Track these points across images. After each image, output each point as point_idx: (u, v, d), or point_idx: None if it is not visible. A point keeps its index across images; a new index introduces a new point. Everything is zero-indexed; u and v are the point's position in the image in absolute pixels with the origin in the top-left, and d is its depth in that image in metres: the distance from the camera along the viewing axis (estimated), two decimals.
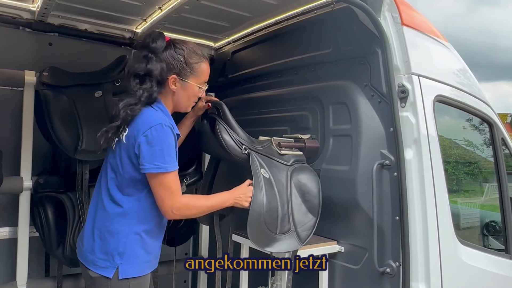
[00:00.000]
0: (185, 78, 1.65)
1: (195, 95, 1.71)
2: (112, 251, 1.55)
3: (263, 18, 2.48)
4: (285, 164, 1.92)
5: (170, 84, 1.63)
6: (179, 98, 1.68)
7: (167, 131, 1.54)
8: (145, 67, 1.58)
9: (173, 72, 1.62)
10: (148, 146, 1.51)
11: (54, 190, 2.30)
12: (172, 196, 1.55)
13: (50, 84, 2.23)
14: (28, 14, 2.40)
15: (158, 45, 1.60)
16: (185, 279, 3.22)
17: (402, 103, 1.85)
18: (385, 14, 1.91)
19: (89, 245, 1.60)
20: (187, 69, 1.64)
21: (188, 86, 1.66)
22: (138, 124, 1.55)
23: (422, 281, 1.78)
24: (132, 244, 1.57)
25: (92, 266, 1.57)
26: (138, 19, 2.55)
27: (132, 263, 1.56)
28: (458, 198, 2.71)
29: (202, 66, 1.69)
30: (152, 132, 1.51)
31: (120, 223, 1.57)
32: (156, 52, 1.60)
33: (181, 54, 1.63)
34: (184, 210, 1.61)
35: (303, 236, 1.79)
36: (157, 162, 1.50)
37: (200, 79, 1.70)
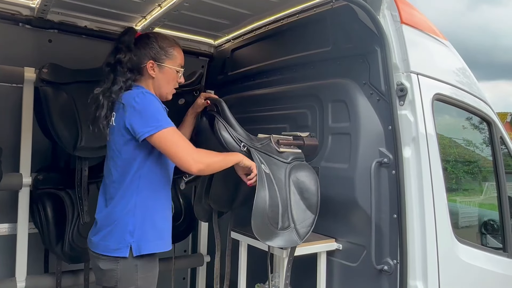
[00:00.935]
0: (162, 62, 1.75)
1: (174, 79, 1.80)
2: (123, 231, 1.63)
3: (263, 15, 2.48)
4: (284, 162, 1.92)
5: (148, 69, 1.74)
6: (159, 82, 1.77)
7: (150, 96, 1.65)
8: (114, 56, 1.71)
9: (150, 58, 1.74)
10: (137, 114, 1.59)
11: (53, 187, 2.30)
12: (184, 147, 1.61)
13: (50, 80, 2.22)
14: (28, 10, 2.40)
15: (126, 38, 1.74)
16: (184, 276, 3.23)
17: (400, 101, 1.85)
18: (385, 12, 1.92)
19: (100, 232, 1.68)
20: (162, 53, 1.75)
21: (166, 70, 1.77)
22: (122, 102, 1.65)
23: (419, 279, 1.78)
24: (140, 221, 1.65)
25: (105, 250, 1.64)
26: (137, 16, 2.55)
27: (143, 240, 1.64)
28: (456, 197, 2.71)
29: (176, 49, 1.80)
30: (136, 100, 1.61)
31: (126, 203, 1.64)
32: (125, 43, 1.72)
33: (153, 41, 1.76)
34: (204, 156, 1.64)
35: (302, 233, 1.80)
36: (152, 123, 1.58)
37: (176, 62, 1.80)
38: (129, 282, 1.63)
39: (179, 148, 1.59)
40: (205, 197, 2.11)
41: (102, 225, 1.69)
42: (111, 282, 1.64)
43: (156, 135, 1.58)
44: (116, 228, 1.64)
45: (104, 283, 1.67)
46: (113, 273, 1.62)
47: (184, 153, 1.59)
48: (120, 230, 1.63)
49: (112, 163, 1.70)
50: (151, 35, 1.80)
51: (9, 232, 2.42)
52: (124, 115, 1.62)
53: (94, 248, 1.70)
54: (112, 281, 1.63)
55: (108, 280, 1.64)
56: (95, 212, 1.77)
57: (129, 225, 1.63)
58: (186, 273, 3.23)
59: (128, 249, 1.61)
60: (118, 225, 1.64)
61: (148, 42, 1.76)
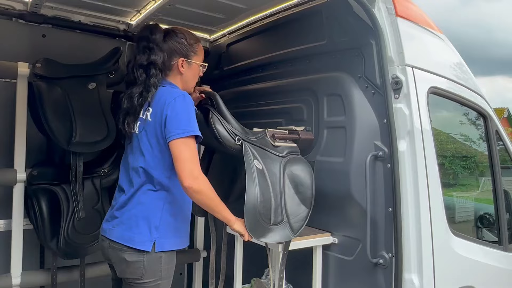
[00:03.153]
0: (191, 58, 1.80)
1: (198, 74, 1.87)
2: (150, 225, 1.65)
3: (258, 9, 2.47)
4: (279, 156, 1.92)
5: (179, 67, 1.77)
6: (187, 78, 1.81)
7: (190, 100, 1.68)
8: (148, 57, 1.70)
9: (181, 55, 1.77)
10: (174, 115, 1.61)
11: (48, 182, 2.28)
12: (195, 160, 1.61)
13: (44, 75, 2.21)
14: (21, 5, 2.38)
15: (157, 36, 1.74)
16: (181, 272, 3.22)
17: (395, 94, 1.85)
18: (380, 5, 1.91)
19: (125, 224, 1.68)
20: (191, 50, 1.79)
21: (193, 66, 1.82)
22: (161, 100, 1.67)
23: (414, 272, 1.78)
24: (166, 218, 1.67)
25: (129, 242, 1.65)
26: (132, 10, 2.53)
27: (167, 237, 1.67)
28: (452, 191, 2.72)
29: (199, 45, 1.85)
30: (177, 101, 1.63)
31: (156, 197, 1.67)
32: (156, 42, 1.72)
33: (183, 37, 1.79)
34: (203, 183, 1.61)
35: (296, 227, 1.79)
36: (184, 127, 1.60)
37: (201, 58, 1.85)
38: (154, 274, 1.65)
39: (190, 157, 1.59)
40: None
41: (127, 216, 1.69)
42: (137, 273, 1.64)
43: (183, 139, 1.59)
44: (142, 221, 1.65)
45: (128, 274, 1.67)
46: (139, 265, 1.63)
47: (191, 164, 1.58)
48: (147, 224, 1.65)
49: (141, 156, 1.69)
50: (179, 31, 1.80)
51: (4, 228, 2.40)
52: (162, 113, 1.63)
53: (117, 238, 1.69)
54: (138, 273, 1.64)
55: (133, 272, 1.65)
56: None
57: (157, 219, 1.65)
58: (183, 269, 3.23)
59: (152, 244, 1.63)
60: (146, 219, 1.65)
61: (177, 39, 1.77)
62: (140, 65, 1.71)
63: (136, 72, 1.71)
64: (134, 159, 1.73)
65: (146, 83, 1.69)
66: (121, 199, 1.75)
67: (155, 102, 1.68)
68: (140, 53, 1.72)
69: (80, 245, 2.26)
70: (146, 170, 1.68)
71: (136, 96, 1.69)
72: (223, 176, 2.04)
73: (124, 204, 1.72)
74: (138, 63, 1.71)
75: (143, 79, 1.70)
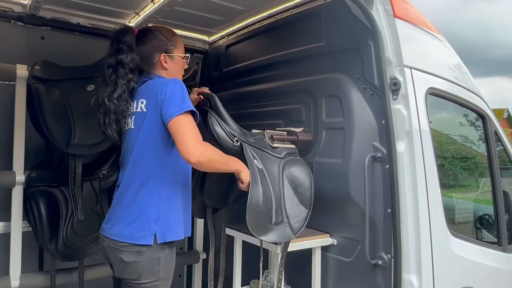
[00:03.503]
0: (172, 52, 1.82)
1: (182, 66, 1.89)
2: (148, 219, 1.64)
3: (256, 11, 2.47)
4: (277, 157, 1.92)
5: (162, 62, 1.79)
6: (172, 71, 1.83)
7: (180, 83, 1.69)
8: (116, 58, 1.72)
9: (161, 51, 1.79)
10: (168, 97, 1.62)
11: (47, 184, 2.28)
12: (195, 135, 1.60)
13: (42, 77, 2.21)
14: (20, 7, 2.38)
15: (127, 38, 1.75)
16: (180, 274, 3.22)
17: (394, 95, 1.85)
18: (377, 7, 1.91)
19: (123, 221, 1.68)
20: (169, 44, 1.81)
21: (176, 59, 1.84)
22: (154, 88, 1.68)
23: (413, 273, 1.78)
24: (164, 210, 1.67)
25: (129, 238, 1.64)
26: (131, 12, 2.54)
27: (166, 228, 1.66)
28: (451, 191, 2.72)
29: (177, 38, 1.87)
30: (169, 85, 1.65)
31: (150, 191, 1.66)
32: (126, 43, 1.73)
33: (159, 34, 1.81)
34: (208, 151, 1.61)
35: (296, 227, 1.79)
36: (179, 106, 1.61)
37: (181, 49, 1.86)
38: (152, 275, 1.64)
39: (190, 134, 1.58)
40: (199, 193, 2.11)
41: (125, 213, 1.69)
42: (134, 274, 1.64)
43: (180, 116, 1.59)
44: (141, 216, 1.65)
45: (126, 275, 1.67)
46: (137, 265, 1.63)
47: (191, 141, 1.57)
48: (145, 218, 1.64)
49: (136, 152, 1.69)
50: (153, 29, 1.83)
51: (3, 231, 2.40)
52: (157, 100, 1.64)
53: (116, 236, 1.68)
54: (136, 273, 1.63)
55: (131, 272, 1.64)
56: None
57: (154, 212, 1.65)
58: (182, 271, 3.22)
59: (153, 237, 1.62)
60: (144, 213, 1.65)
61: (154, 36, 1.79)
62: (109, 65, 1.72)
63: (106, 72, 1.72)
64: (129, 154, 1.73)
65: (116, 83, 1.70)
66: (117, 197, 1.75)
67: (147, 93, 1.70)
68: (109, 55, 1.74)
69: (79, 247, 2.26)
70: (139, 163, 1.68)
71: (107, 95, 1.69)
72: (222, 178, 2.03)
73: (121, 201, 1.72)
74: (107, 64, 1.73)
75: (113, 80, 1.70)
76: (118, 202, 1.73)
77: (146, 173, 1.67)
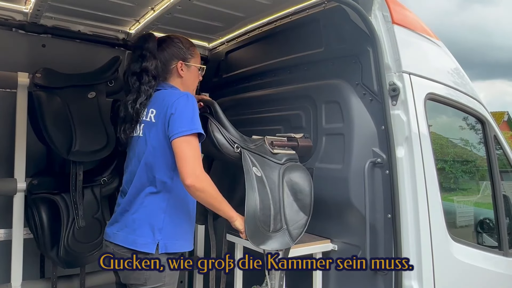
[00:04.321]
0: (189, 61, 1.84)
1: (198, 76, 1.90)
2: (153, 228, 1.65)
3: (256, 18, 2.49)
4: (278, 163, 1.92)
5: (179, 70, 1.81)
6: (187, 81, 1.85)
7: (193, 99, 1.70)
8: (140, 65, 1.74)
9: (179, 59, 1.81)
10: (178, 114, 1.63)
11: (48, 192, 2.29)
12: (197, 159, 1.61)
13: (43, 85, 2.23)
14: (21, 15, 2.40)
15: (150, 45, 1.77)
16: (182, 280, 3.22)
17: (393, 101, 1.86)
18: (376, 13, 1.92)
19: (129, 227, 1.69)
20: (188, 53, 1.84)
21: (192, 68, 1.85)
22: (165, 99, 1.68)
23: (414, 279, 1.78)
24: (170, 220, 1.68)
25: (132, 245, 1.65)
26: (131, 20, 2.55)
27: (170, 238, 1.67)
28: (451, 196, 2.72)
29: (195, 49, 1.90)
30: (180, 101, 1.65)
31: (158, 200, 1.68)
32: (149, 50, 1.75)
33: (179, 42, 1.84)
34: (205, 181, 1.61)
35: (295, 234, 1.79)
36: (188, 125, 1.61)
37: (198, 60, 1.89)
38: (158, 280, 1.65)
39: (192, 155, 1.59)
40: None
41: (131, 219, 1.69)
42: (140, 279, 1.64)
43: (187, 137, 1.60)
44: (146, 224, 1.66)
45: (132, 280, 1.67)
46: (143, 271, 1.63)
47: (193, 163, 1.58)
48: (150, 226, 1.65)
49: (144, 159, 1.70)
50: (174, 37, 1.86)
51: (4, 238, 2.41)
52: (166, 113, 1.64)
53: (121, 242, 1.69)
54: (142, 278, 1.64)
55: (137, 277, 1.65)
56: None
57: (160, 222, 1.66)
58: (183, 277, 3.22)
59: (155, 246, 1.63)
60: (149, 221, 1.66)
61: (173, 44, 1.82)
62: (133, 72, 1.74)
63: (130, 80, 1.75)
64: (137, 161, 1.74)
65: (139, 90, 1.72)
66: (124, 203, 1.75)
67: (158, 104, 1.70)
68: (134, 62, 1.76)
69: (80, 254, 2.26)
70: (148, 172, 1.69)
71: (130, 103, 1.72)
72: (223, 184, 2.03)
73: (128, 207, 1.73)
74: (131, 71, 1.75)
75: (137, 87, 1.73)
76: (125, 208, 1.74)
77: (155, 182, 1.68)
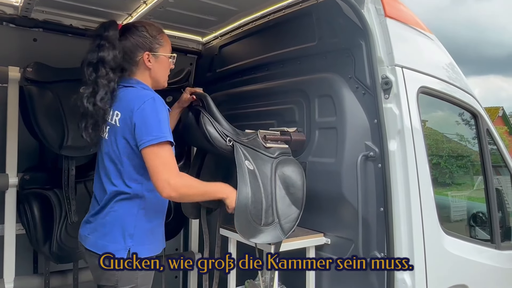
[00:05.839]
0: (156, 51, 1.70)
1: (168, 66, 1.77)
2: (124, 233, 1.60)
3: (249, 11, 2.48)
4: (270, 157, 1.92)
5: (145, 62, 1.68)
6: (156, 72, 1.72)
7: (161, 103, 1.58)
8: (96, 55, 1.60)
9: (145, 49, 1.68)
10: (144, 121, 1.53)
11: (40, 187, 2.29)
12: (169, 167, 1.53)
13: (35, 79, 2.21)
14: (11, 9, 2.38)
15: (110, 33, 1.62)
16: (176, 275, 3.22)
17: (385, 94, 1.85)
18: (369, 6, 1.92)
19: (99, 231, 1.64)
20: (154, 42, 1.70)
21: (161, 58, 1.72)
22: (130, 103, 1.58)
23: (406, 272, 1.79)
24: (141, 225, 1.62)
25: (103, 250, 1.59)
26: (123, 13, 2.53)
27: (141, 243, 1.61)
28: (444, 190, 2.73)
29: (164, 36, 1.75)
30: (146, 106, 1.54)
31: (129, 206, 1.61)
32: (108, 39, 1.61)
33: (143, 30, 1.69)
34: (181, 186, 1.54)
35: (286, 228, 1.79)
36: (155, 133, 1.52)
37: (167, 49, 1.75)
38: (130, 281, 1.60)
39: (163, 165, 1.51)
40: None
41: (101, 223, 1.64)
42: (112, 281, 1.60)
43: (154, 146, 1.51)
44: (116, 229, 1.60)
45: (103, 281, 1.63)
46: (114, 272, 1.58)
47: (165, 173, 1.51)
48: (120, 232, 1.60)
49: (112, 163, 1.62)
50: (138, 24, 1.71)
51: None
52: (132, 118, 1.55)
53: (91, 246, 1.65)
54: (113, 280, 1.59)
55: (108, 278, 1.60)
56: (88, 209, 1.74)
57: (130, 227, 1.60)
58: (178, 272, 3.22)
59: (126, 252, 1.58)
60: (119, 226, 1.60)
61: (137, 33, 1.67)
62: (89, 63, 1.61)
63: (86, 70, 1.61)
64: (104, 164, 1.66)
65: (96, 83, 1.59)
66: (95, 206, 1.70)
67: (123, 106, 1.60)
68: (91, 51, 1.62)
69: (73, 249, 2.24)
70: (116, 175, 1.62)
71: (87, 97, 1.59)
72: (216, 178, 2.03)
73: (98, 211, 1.66)
74: (88, 61, 1.61)
75: (93, 79, 1.59)
76: (96, 211, 1.68)
77: (125, 186, 1.61)
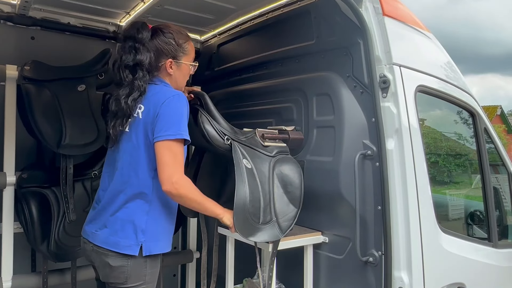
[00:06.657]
0: (180, 59, 1.74)
1: (188, 73, 1.82)
2: (136, 229, 1.61)
3: (247, 10, 2.48)
4: (268, 155, 1.92)
5: (167, 68, 1.72)
6: (176, 79, 1.77)
7: (184, 101, 1.64)
8: (134, 57, 1.65)
9: (169, 56, 1.72)
10: (166, 115, 1.58)
11: (38, 185, 2.27)
12: (176, 165, 1.56)
13: (32, 78, 2.20)
14: (9, 7, 2.37)
15: (144, 35, 1.67)
16: (175, 273, 3.22)
17: (383, 93, 1.85)
18: (367, 5, 1.91)
19: (110, 228, 1.64)
20: (179, 51, 1.74)
21: (183, 66, 1.76)
22: (154, 98, 1.63)
23: (404, 270, 1.79)
24: (153, 221, 1.64)
25: (115, 247, 1.61)
26: (121, 12, 2.53)
27: (154, 240, 1.63)
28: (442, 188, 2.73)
29: (190, 44, 1.79)
30: (171, 101, 1.60)
31: (141, 200, 1.63)
32: (143, 42, 1.66)
33: (171, 37, 1.72)
34: (183, 187, 1.57)
35: (284, 226, 1.79)
36: (174, 129, 1.57)
37: (190, 57, 1.79)
38: (138, 278, 1.62)
39: (172, 160, 1.55)
40: None
41: (111, 220, 1.64)
42: (121, 278, 1.61)
43: (170, 141, 1.55)
44: (129, 225, 1.61)
45: (112, 279, 1.63)
46: (123, 270, 1.60)
47: (171, 169, 1.54)
48: (133, 228, 1.61)
49: (128, 157, 1.65)
50: (166, 31, 1.72)
51: None
52: (155, 111, 1.59)
53: (102, 243, 1.65)
54: (122, 277, 1.61)
55: (118, 276, 1.61)
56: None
57: (143, 223, 1.62)
58: (176, 270, 3.22)
59: (139, 248, 1.60)
60: (132, 222, 1.61)
61: (165, 39, 1.70)
62: (126, 65, 1.65)
63: (122, 73, 1.65)
64: (120, 156, 1.68)
65: (133, 85, 1.63)
66: (104, 200, 1.70)
67: (147, 100, 1.64)
68: (126, 53, 1.65)
69: (71, 247, 2.25)
70: (131, 169, 1.64)
71: (123, 98, 1.63)
72: (214, 177, 2.04)
73: (108, 205, 1.67)
74: (124, 64, 1.65)
75: (130, 81, 1.64)
76: (105, 207, 1.68)
77: (139, 181, 1.63)
